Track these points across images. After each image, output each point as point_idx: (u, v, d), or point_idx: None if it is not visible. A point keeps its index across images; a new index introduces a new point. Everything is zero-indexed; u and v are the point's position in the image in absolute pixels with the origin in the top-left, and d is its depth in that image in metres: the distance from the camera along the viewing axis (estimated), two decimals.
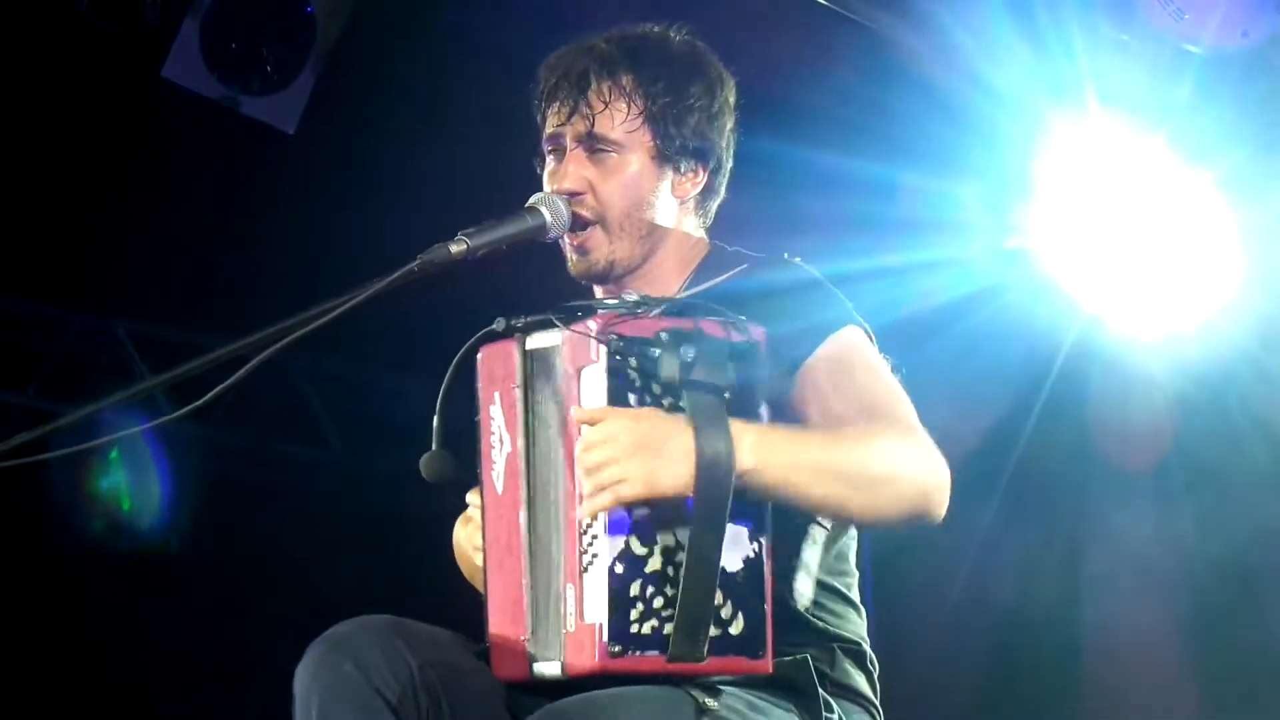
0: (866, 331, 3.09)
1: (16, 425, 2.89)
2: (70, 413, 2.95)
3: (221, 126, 6.37)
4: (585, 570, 2.80)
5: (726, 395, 2.80)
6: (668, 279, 3.19)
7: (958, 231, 5.54)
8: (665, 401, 2.80)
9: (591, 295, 3.25)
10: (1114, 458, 5.99)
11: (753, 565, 2.81)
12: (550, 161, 3.20)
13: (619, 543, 2.78)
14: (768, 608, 2.82)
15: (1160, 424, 5.80)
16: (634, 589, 2.77)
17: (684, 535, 2.78)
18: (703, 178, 3.21)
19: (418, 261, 2.96)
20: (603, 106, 3.12)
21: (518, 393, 2.98)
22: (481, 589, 3.21)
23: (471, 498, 3.14)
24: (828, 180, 5.34)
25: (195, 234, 6.79)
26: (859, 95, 5.47)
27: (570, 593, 2.81)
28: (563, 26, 3.35)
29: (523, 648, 2.94)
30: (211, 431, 7.41)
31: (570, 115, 3.14)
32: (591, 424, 2.79)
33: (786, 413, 2.96)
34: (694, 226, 3.24)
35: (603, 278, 3.20)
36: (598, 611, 2.77)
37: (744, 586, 2.80)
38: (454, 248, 2.99)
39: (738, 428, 2.77)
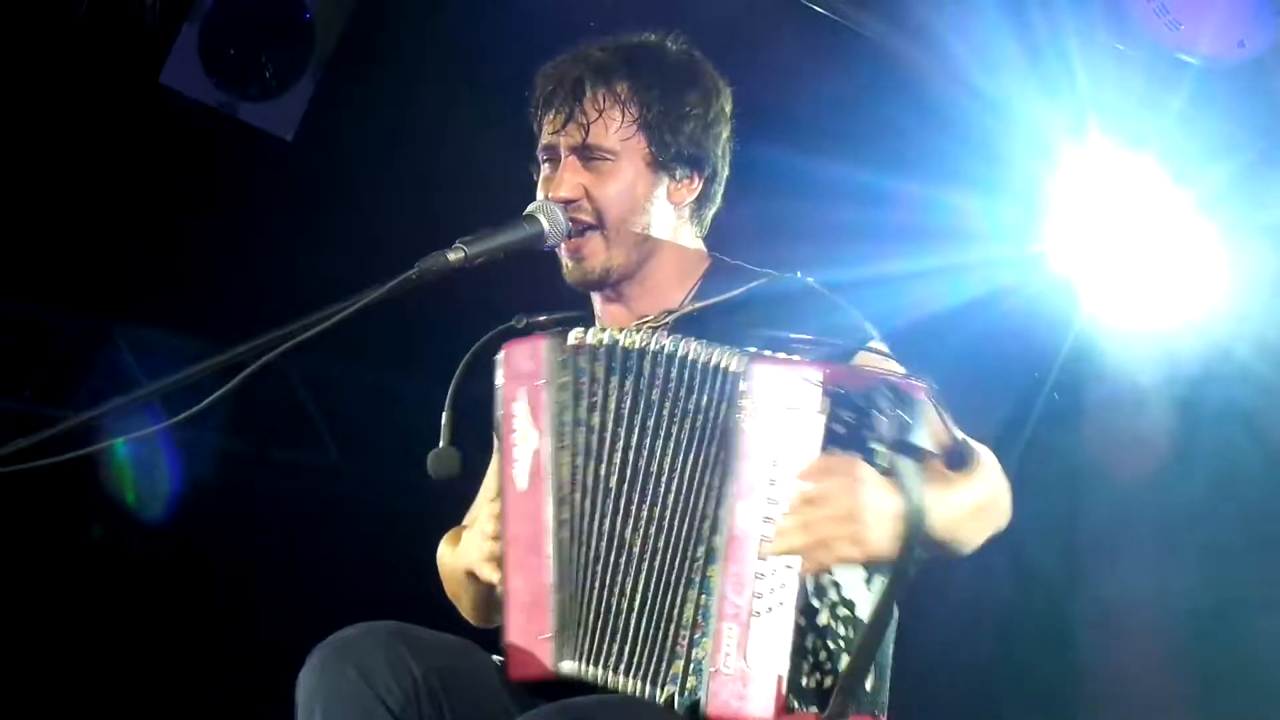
0: (884, 345, 3.10)
1: (12, 430, 2.89)
2: (67, 418, 2.95)
3: (220, 132, 6.37)
4: (757, 614, 2.73)
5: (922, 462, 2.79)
6: (668, 289, 3.19)
7: (957, 240, 5.55)
8: (874, 458, 2.76)
9: (588, 302, 3.25)
10: (1111, 463, 6.00)
11: (892, 625, 2.83)
12: (545, 169, 3.21)
13: (799, 593, 2.72)
14: (890, 663, 2.83)
15: (1156, 431, 5.80)
16: (807, 642, 2.74)
17: (849, 590, 2.77)
18: (698, 185, 3.22)
19: (416, 269, 2.96)
20: (597, 114, 3.13)
21: (546, 390, 2.97)
22: (467, 607, 3.23)
23: (484, 513, 3.11)
24: (825, 189, 5.35)
25: (193, 239, 6.78)
26: (862, 106, 5.47)
27: (730, 633, 2.73)
28: (561, 33, 3.35)
29: (545, 646, 2.93)
30: (209, 437, 7.41)
31: (565, 123, 3.14)
32: (809, 476, 2.73)
33: None
34: (690, 236, 3.24)
35: (599, 285, 3.20)
36: (775, 662, 2.70)
37: (885, 645, 2.81)
38: (452, 255, 2.99)
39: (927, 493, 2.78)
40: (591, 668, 2.89)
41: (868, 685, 2.78)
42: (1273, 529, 5.72)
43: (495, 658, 3.06)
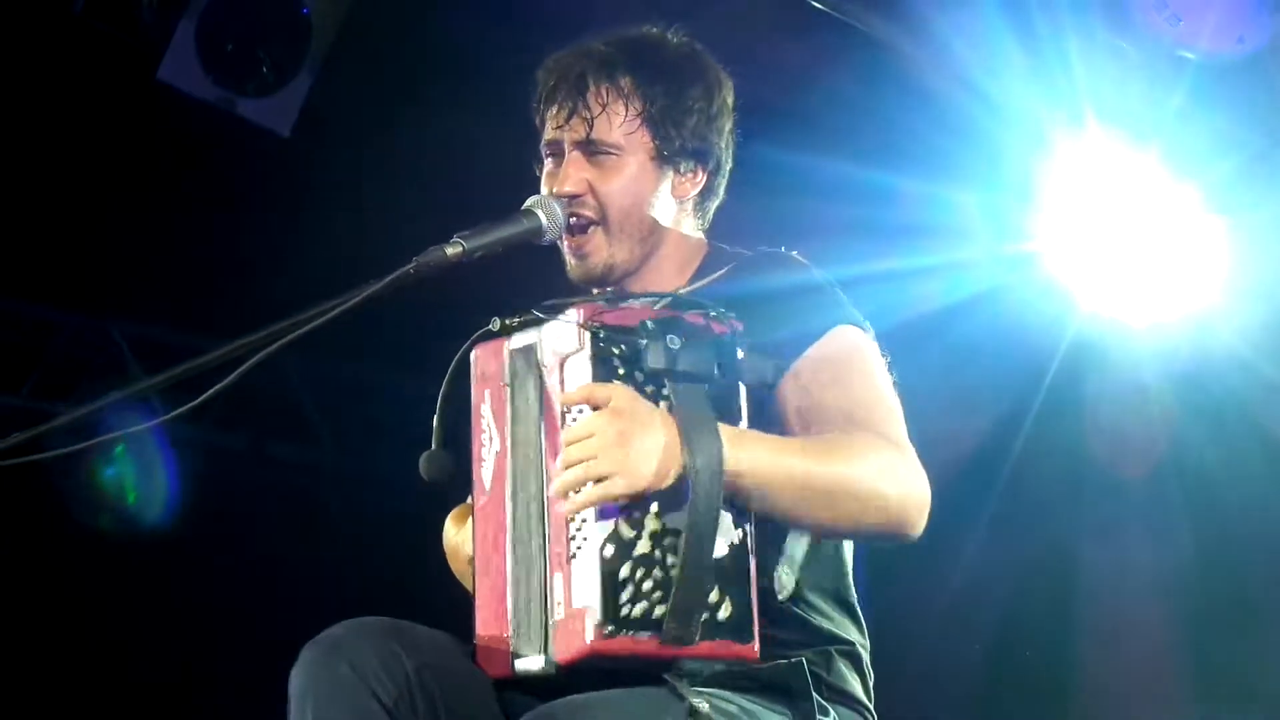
0: (864, 329, 3.09)
1: (10, 426, 2.88)
2: (65, 414, 2.94)
3: (217, 128, 6.36)
4: (573, 557, 2.79)
5: (708, 386, 2.80)
6: (667, 280, 3.19)
7: (954, 237, 5.55)
8: (649, 389, 2.79)
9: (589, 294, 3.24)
10: (1109, 463, 6.00)
11: (738, 552, 2.80)
12: (549, 164, 3.20)
13: (607, 526, 2.77)
14: (753, 594, 2.81)
15: (1154, 429, 5.80)
16: (624, 571, 2.76)
17: (670, 519, 2.77)
18: (702, 178, 3.21)
19: (414, 264, 2.96)
20: (601, 109, 3.12)
21: (506, 391, 2.98)
22: (470, 588, 3.22)
23: None
24: (824, 186, 5.35)
25: (190, 236, 6.78)
26: (857, 101, 5.47)
27: (558, 581, 2.81)
28: (559, 28, 3.35)
29: (506, 645, 2.94)
30: (206, 433, 7.41)
31: (569, 118, 3.13)
32: (580, 405, 2.78)
33: (771, 410, 2.96)
34: (692, 228, 3.24)
35: (602, 281, 3.19)
36: (589, 594, 2.76)
37: (730, 572, 2.79)
38: (450, 250, 2.99)
39: (720, 427, 2.77)
40: (544, 663, 2.89)
41: (722, 615, 2.76)
42: (1272, 524, 5.72)
43: None
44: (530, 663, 2.89)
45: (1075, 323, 5.66)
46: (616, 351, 2.79)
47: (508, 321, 3.03)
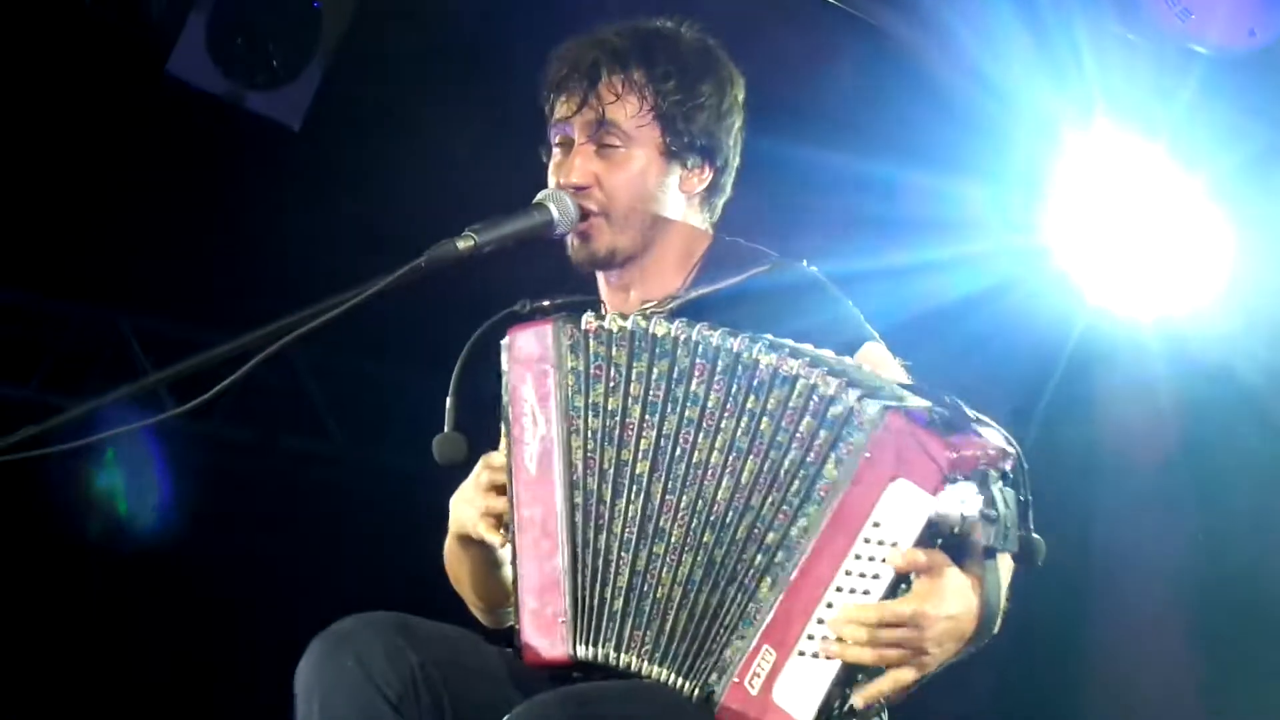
0: (880, 344, 3.09)
1: (19, 419, 2.88)
2: (73, 407, 2.94)
3: (226, 122, 6.36)
4: (800, 654, 2.72)
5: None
6: (669, 272, 3.18)
7: (963, 230, 5.54)
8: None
9: (592, 282, 3.23)
10: (1119, 456, 5.99)
11: None
12: (557, 154, 3.19)
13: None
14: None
15: (1163, 421, 5.80)
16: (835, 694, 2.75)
17: None
18: (708, 175, 3.20)
19: (424, 257, 2.95)
20: (613, 98, 3.12)
21: (554, 374, 2.93)
22: (469, 590, 3.22)
23: (495, 458, 3.09)
24: (832, 179, 5.34)
25: (200, 229, 6.78)
26: (865, 94, 5.47)
27: (767, 658, 2.72)
28: (569, 22, 3.35)
29: (561, 630, 2.90)
30: (215, 426, 7.42)
31: (579, 108, 3.13)
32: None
33: None
34: (700, 221, 3.24)
35: (605, 265, 3.19)
36: (801, 709, 2.71)
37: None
38: (461, 244, 2.98)
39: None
40: (616, 653, 2.87)
41: None
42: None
43: (508, 650, 3.04)
44: (691, 686, 2.82)
45: (1084, 316, 5.65)
46: (951, 514, 2.70)
47: (536, 304, 3.03)
